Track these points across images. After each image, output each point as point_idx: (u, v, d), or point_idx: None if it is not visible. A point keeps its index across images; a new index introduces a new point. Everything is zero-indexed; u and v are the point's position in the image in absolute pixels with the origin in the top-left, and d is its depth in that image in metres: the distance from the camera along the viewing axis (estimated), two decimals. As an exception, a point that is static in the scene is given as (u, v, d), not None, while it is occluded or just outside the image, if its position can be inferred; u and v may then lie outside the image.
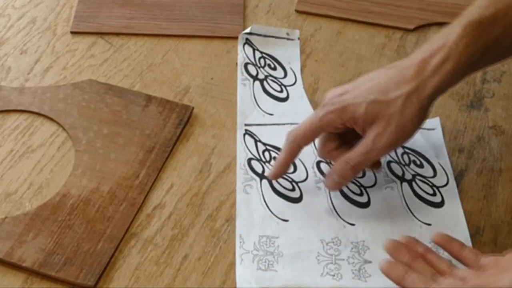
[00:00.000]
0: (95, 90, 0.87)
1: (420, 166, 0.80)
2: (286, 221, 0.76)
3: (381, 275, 0.70)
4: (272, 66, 0.93)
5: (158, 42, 0.96)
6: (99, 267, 0.70)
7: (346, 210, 0.76)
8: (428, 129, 0.84)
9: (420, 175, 0.80)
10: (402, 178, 0.79)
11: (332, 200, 0.77)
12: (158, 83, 0.90)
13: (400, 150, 0.82)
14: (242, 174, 0.79)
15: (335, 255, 0.73)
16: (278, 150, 0.82)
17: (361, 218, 0.76)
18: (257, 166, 0.80)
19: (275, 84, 0.90)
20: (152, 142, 0.82)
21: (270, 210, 0.76)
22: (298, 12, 1.01)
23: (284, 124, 0.85)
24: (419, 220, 0.76)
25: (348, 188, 0.78)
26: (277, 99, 0.88)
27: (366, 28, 0.99)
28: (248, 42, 0.95)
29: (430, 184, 0.79)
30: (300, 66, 0.93)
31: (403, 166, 0.81)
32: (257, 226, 0.75)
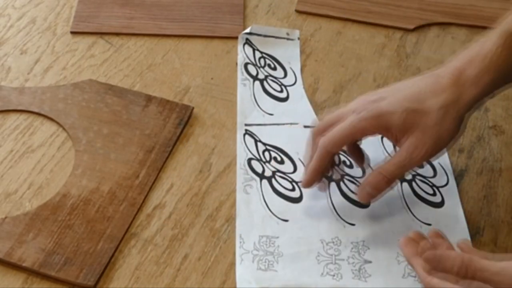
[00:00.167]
0: (95, 90, 0.87)
1: (420, 166, 0.80)
2: (286, 221, 0.76)
3: (381, 275, 0.70)
4: (272, 66, 0.93)
5: (158, 42, 0.96)
6: (99, 267, 0.70)
7: (346, 210, 0.76)
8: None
9: (420, 175, 0.80)
10: (402, 178, 0.79)
11: (332, 200, 0.77)
12: (158, 83, 0.90)
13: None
14: (242, 174, 0.79)
15: (335, 255, 0.73)
16: (278, 150, 0.82)
17: (361, 218, 0.76)
18: (257, 166, 0.80)
19: (275, 84, 0.90)
20: (152, 142, 0.82)
21: (270, 210, 0.76)
22: (298, 12, 1.01)
23: (284, 124, 0.85)
24: (419, 220, 0.76)
25: (348, 188, 0.78)
26: (277, 99, 0.88)
27: (366, 28, 0.99)
28: (248, 42, 0.95)
29: (430, 184, 0.79)
30: (300, 66, 0.93)
31: None
32: (257, 226, 0.75)
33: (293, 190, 0.78)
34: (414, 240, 0.67)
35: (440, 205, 0.77)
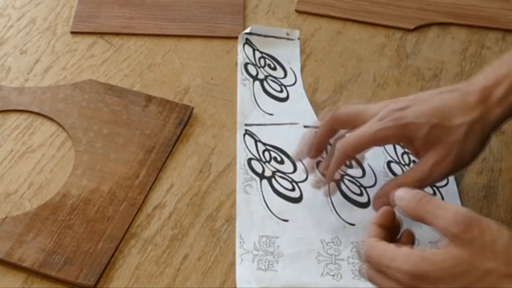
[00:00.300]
0: (95, 90, 0.88)
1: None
2: (286, 221, 0.76)
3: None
4: (272, 66, 0.93)
5: (158, 42, 0.96)
6: (99, 267, 0.70)
7: (346, 210, 0.76)
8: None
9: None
10: None
11: (332, 200, 0.77)
12: (158, 83, 0.90)
13: (400, 150, 0.82)
14: (242, 174, 0.79)
15: (335, 255, 0.73)
16: (278, 150, 0.82)
17: (361, 218, 0.76)
18: (257, 166, 0.80)
19: (275, 84, 0.90)
20: (152, 142, 0.82)
21: (270, 210, 0.76)
22: (298, 12, 1.01)
23: (284, 124, 0.85)
24: (419, 220, 0.76)
25: (348, 188, 0.78)
26: (277, 99, 0.88)
27: (366, 28, 0.99)
28: (248, 42, 0.95)
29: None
30: (300, 66, 0.93)
31: (403, 166, 0.81)
32: (257, 226, 0.75)
33: (293, 190, 0.78)
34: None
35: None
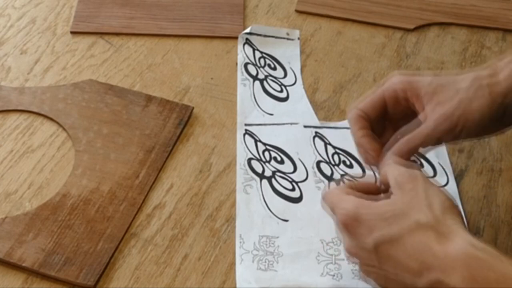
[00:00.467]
0: (95, 90, 0.88)
1: (420, 165, 0.80)
2: (286, 221, 0.76)
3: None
4: (272, 66, 0.93)
5: (158, 42, 0.96)
6: (99, 267, 0.70)
7: (346, 210, 0.76)
8: (428, 129, 0.84)
9: None
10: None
11: (332, 200, 0.77)
12: (158, 83, 0.90)
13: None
14: (242, 174, 0.79)
15: (335, 255, 0.73)
16: (278, 150, 0.82)
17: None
18: (257, 166, 0.80)
19: (275, 84, 0.90)
20: (152, 142, 0.82)
21: (270, 210, 0.76)
22: (298, 12, 1.01)
23: (284, 124, 0.85)
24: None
25: (348, 188, 0.78)
26: (277, 99, 0.88)
27: (366, 28, 0.99)
28: (248, 42, 0.95)
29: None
30: (300, 66, 0.93)
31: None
32: (257, 226, 0.75)
33: (293, 190, 0.78)
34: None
35: None
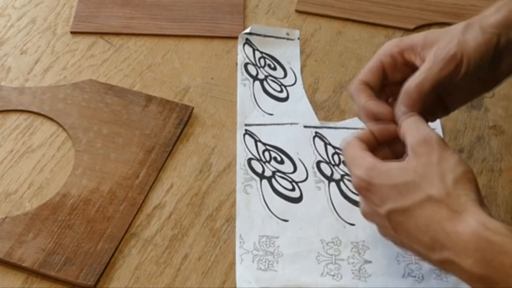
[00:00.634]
0: (95, 90, 0.88)
1: None
2: (286, 221, 0.76)
3: (381, 275, 0.70)
4: (272, 66, 0.93)
5: (158, 42, 0.96)
6: (99, 267, 0.70)
7: (346, 210, 0.76)
8: (428, 129, 0.84)
9: None
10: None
11: (332, 200, 0.77)
12: (158, 83, 0.90)
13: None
14: (242, 174, 0.79)
15: (335, 255, 0.73)
16: (278, 150, 0.82)
17: (361, 218, 0.75)
18: (257, 166, 0.80)
19: (275, 84, 0.90)
20: (152, 142, 0.82)
21: (270, 210, 0.76)
22: (298, 12, 1.01)
23: (284, 124, 0.85)
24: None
25: (348, 188, 0.78)
26: (277, 99, 0.88)
27: (366, 28, 0.99)
28: (248, 42, 0.95)
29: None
30: (300, 66, 0.93)
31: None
32: (257, 226, 0.75)
33: (293, 190, 0.78)
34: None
35: None
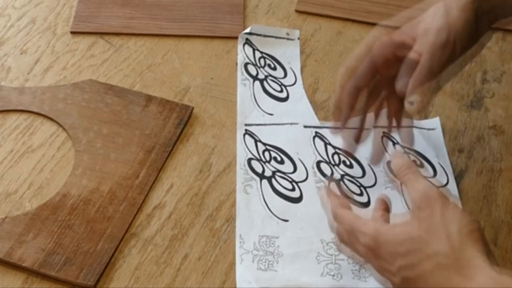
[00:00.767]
0: (95, 90, 0.88)
1: (420, 166, 0.80)
2: (286, 221, 0.76)
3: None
4: (272, 66, 0.93)
5: (158, 42, 0.96)
6: (99, 267, 0.70)
7: (346, 210, 0.76)
8: (428, 129, 0.84)
9: None
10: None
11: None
12: (158, 83, 0.90)
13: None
14: (242, 174, 0.79)
15: (335, 255, 0.73)
16: (278, 150, 0.82)
17: (361, 218, 0.76)
18: (257, 166, 0.80)
19: (275, 84, 0.90)
20: (152, 142, 0.82)
21: (270, 210, 0.76)
22: (298, 12, 1.01)
23: (284, 124, 0.85)
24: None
25: (348, 188, 0.78)
26: (277, 99, 0.88)
27: (366, 28, 0.99)
28: (248, 42, 0.95)
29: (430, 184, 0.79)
30: (300, 66, 0.93)
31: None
32: (257, 226, 0.75)
33: (293, 190, 0.78)
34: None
35: None
